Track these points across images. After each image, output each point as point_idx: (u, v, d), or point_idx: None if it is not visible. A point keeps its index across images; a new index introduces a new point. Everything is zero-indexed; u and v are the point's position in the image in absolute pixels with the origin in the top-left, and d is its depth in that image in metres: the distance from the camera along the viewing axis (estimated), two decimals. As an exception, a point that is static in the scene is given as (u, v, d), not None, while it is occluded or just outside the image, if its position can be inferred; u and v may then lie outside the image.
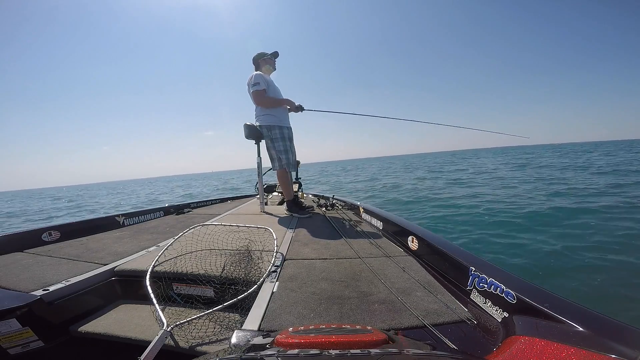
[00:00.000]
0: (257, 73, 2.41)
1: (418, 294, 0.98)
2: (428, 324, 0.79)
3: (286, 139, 2.45)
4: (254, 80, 2.35)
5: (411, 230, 1.49)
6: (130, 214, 2.30)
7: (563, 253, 2.88)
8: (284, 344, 0.47)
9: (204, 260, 1.22)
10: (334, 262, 1.30)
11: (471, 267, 0.98)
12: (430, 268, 1.22)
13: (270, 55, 2.55)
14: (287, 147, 2.46)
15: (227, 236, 1.49)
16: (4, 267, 1.25)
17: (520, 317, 0.74)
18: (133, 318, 1.03)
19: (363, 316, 0.85)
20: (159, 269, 1.16)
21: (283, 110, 2.48)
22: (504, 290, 0.83)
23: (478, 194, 7.05)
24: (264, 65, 2.52)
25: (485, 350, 0.70)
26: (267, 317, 0.86)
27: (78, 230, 1.83)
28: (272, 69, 2.59)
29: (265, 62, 2.52)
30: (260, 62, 2.53)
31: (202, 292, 1.11)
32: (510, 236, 3.58)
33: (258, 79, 2.35)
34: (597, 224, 3.73)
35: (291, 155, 2.49)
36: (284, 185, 2.57)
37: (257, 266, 1.20)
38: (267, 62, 2.53)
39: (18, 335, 0.87)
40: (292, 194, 2.55)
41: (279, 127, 2.42)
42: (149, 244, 1.60)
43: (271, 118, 2.41)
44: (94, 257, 1.37)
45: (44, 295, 0.97)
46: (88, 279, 1.14)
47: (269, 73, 2.56)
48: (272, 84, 2.47)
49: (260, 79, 2.35)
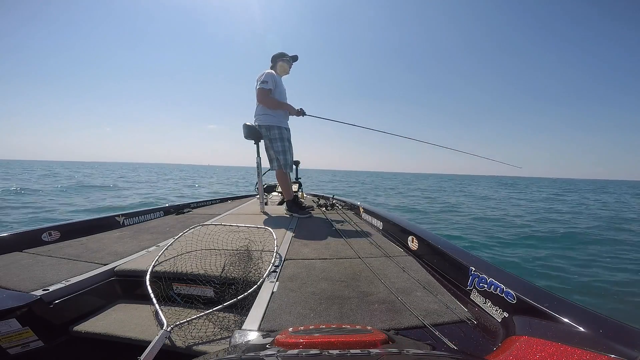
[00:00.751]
0: (269, 72, 2.41)
1: (418, 294, 0.98)
2: (428, 324, 0.79)
3: (285, 139, 2.45)
4: (263, 78, 2.35)
5: (411, 230, 1.49)
6: (130, 214, 2.30)
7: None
8: (284, 344, 0.47)
9: (204, 260, 1.22)
10: (334, 262, 1.30)
11: (471, 267, 0.98)
12: (430, 268, 1.22)
13: (290, 57, 2.55)
14: (285, 148, 2.45)
15: (227, 236, 1.49)
16: (3, 267, 1.25)
17: (520, 317, 0.74)
18: (133, 318, 1.03)
19: (363, 316, 0.85)
20: (159, 269, 1.16)
21: (283, 112, 2.48)
22: (504, 290, 0.83)
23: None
24: (279, 65, 2.51)
25: (485, 350, 0.70)
26: (267, 317, 0.86)
27: (78, 230, 1.83)
28: (286, 72, 2.58)
29: (282, 62, 2.51)
30: (278, 61, 2.52)
31: (202, 292, 1.11)
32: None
33: (268, 77, 2.36)
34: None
35: (289, 156, 2.49)
36: (283, 186, 2.57)
37: (257, 266, 1.20)
38: (285, 63, 2.53)
39: (18, 335, 0.87)
40: (292, 194, 2.55)
41: (278, 127, 2.42)
42: (149, 244, 1.60)
43: (270, 118, 2.41)
44: (94, 257, 1.37)
45: (44, 295, 0.97)
46: (88, 279, 1.14)
47: (282, 74, 2.56)
48: (280, 85, 2.46)
49: (269, 78, 2.36)
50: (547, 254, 4.25)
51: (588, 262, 3.93)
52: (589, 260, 4.01)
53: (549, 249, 4.62)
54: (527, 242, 5.04)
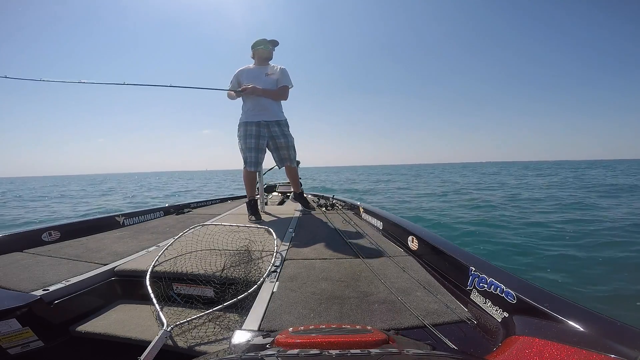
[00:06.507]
0: (235, 72, 2.46)
1: (418, 294, 0.98)
2: (428, 324, 0.79)
3: (241, 136, 2.37)
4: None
5: (411, 230, 1.49)
6: (130, 214, 2.30)
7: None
8: (284, 344, 0.47)
9: (204, 260, 1.22)
10: (334, 262, 1.30)
11: (471, 267, 0.98)
12: (430, 268, 1.22)
13: (269, 42, 2.41)
14: (242, 146, 2.36)
15: (227, 236, 1.49)
16: (3, 267, 1.25)
17: (520, 317, 0.74)
18: (133, 318, 1.03)
19: (363, 316, 0.85)
20: (159, 269, 1.16)
21: (244, 104, 2.41)
22: (504, 290, 0.83)
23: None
24: (255, 52, 2.42)
25: (485, 350, 0.70)
26: (267, 317, 0.86)
27: (78, 230, 1.83)
28: (264, 57, 2.45)
29: (258, 49, 2.41)
30: (254, 50, 2.43)
31: (202, 292, 1.11)
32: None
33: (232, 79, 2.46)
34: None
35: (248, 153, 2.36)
36: (297, 180, 2.71)
37: (257, 266, 1.20)
38: (261, 49, 2.41)
39: (18, 335, 0.87)
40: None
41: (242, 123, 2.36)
42: (149, 244, 1.60)
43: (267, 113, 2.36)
44: (94, 257, 1.37)
45: (44, 295, 0.97)
46: (88, 279, 1.14)
47: (261, 62, 2.43)
48: (249, 75, 2.37)
49: (232, 79, 2.45)
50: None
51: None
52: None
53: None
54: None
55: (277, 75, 2.37)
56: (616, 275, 2.76)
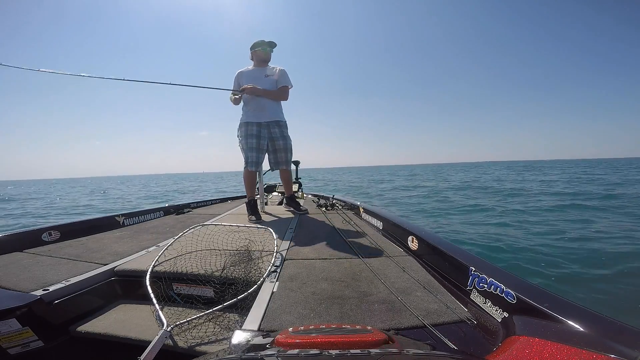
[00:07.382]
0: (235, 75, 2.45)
1: (418, 294, 0.98)
2: (428, 324, 0.79)
3: (242, 136, 2.38)
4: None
5: (411, 230, 1.49)
6: (130, 214, 2.30)
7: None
8: (284, 344, 0.47)
9: (204, 260, 1.22)
10: (334, 262, 1.30)
11: (471, 267, 0.98)
12: (430, 268, 1.22)
13: (267, 44, 2.41)
14: (243, 146, 2.37)
15: (227, 236, 1.49)
16: (3, 267, 1.25)
17: (520, 317, 0.74)
18: (133, 318, 1.03)
19: (363, 316, 0.85)
20: (159, 269, 1.16)
21: (245, 105, 2.42)
22: (504, 290, 0.82)
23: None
24: (254, 54, 2.42)
25: (485, 350, 0.70)
26: (267, 317, 0.86)
27: (78, 230, 1.83)
28: (262, 59, 2.45)
29: (255, 51, 2.41)
30: (252, 51, 2.45)
31: (202, 292, 1.11)
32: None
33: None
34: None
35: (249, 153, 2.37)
36: (290, 183, 2.68)
37: (257, 266, 1.20)
38: (259, 51, 2.41)
39: (18, 335, 0.87)
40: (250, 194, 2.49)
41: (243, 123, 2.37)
42: (149, 244, 1.60)
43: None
44: (94, 257, 1.37)
45: (44, 295, 0.97)
46: (88, 279, 1.14)
47: (259, 64, 2.44)
48: (249, 77, 2.37)
49: (233, 82, 2.43)
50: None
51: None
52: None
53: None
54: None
55: (277, 76, 2.38)
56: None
